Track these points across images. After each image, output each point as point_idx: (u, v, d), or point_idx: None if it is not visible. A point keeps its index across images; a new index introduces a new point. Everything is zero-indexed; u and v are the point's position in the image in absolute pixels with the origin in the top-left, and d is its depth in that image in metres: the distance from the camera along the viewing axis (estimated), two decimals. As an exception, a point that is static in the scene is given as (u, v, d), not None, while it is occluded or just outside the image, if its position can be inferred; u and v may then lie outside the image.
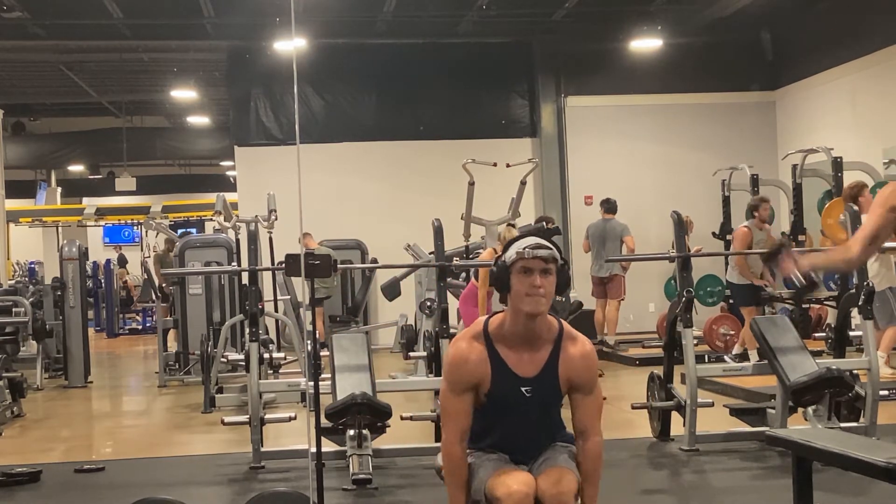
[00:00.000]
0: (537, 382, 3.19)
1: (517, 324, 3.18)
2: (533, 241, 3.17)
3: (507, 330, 3.20)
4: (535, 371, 3.19)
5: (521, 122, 14.44)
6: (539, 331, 3.19)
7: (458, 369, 3.21)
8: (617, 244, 11.53)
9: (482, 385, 3.20)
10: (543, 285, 3.12)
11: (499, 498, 3.05)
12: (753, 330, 6.43)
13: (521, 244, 3.17)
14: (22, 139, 21.02)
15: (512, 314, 3.19)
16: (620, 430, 7.09)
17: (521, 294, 3.12)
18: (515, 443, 3.28)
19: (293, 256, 4.05)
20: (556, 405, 3.31)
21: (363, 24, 13.60)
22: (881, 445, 3.65)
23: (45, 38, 13.53)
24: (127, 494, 4.89)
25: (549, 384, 3.20)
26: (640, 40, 13.54)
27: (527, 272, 3.12)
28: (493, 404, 3.22)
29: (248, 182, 14.05)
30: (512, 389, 3.19)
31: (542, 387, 3.20)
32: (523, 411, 3.22)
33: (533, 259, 3.12)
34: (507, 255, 3.18)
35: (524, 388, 3.19)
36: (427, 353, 7.06)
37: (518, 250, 3.15)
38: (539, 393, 3.20)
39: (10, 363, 9.24)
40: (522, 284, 3.12)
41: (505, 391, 3.19)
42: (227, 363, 8.26)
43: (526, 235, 3.27)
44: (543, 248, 3.15)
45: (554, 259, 3.15)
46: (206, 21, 13.17)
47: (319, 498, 3.93)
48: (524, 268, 3.13)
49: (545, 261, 3.13)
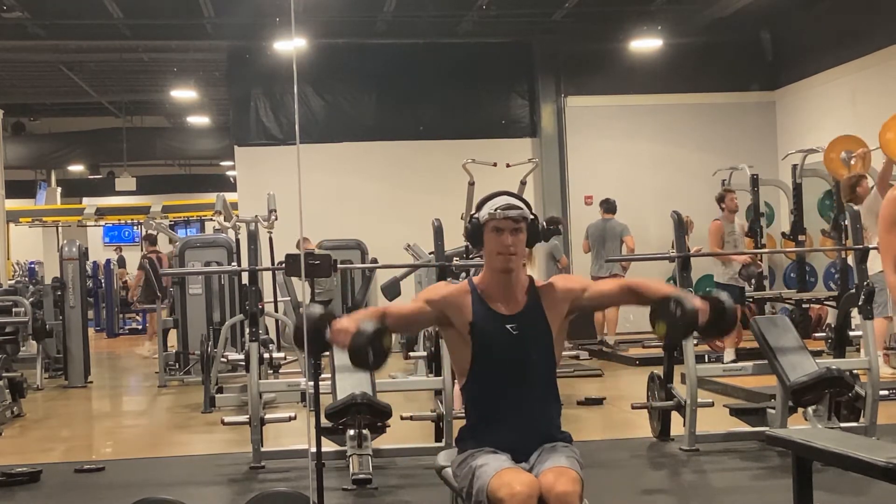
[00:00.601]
0: (521, 318, 3.29)
1: (494, 277, 3.32)
2: (503, 202, 3.30)
3: (488, 283, 3.33)
4: (518, 309, 3.30)
5: (521, 122, 14.45)
6: (515, 284, 3.32)
7: (434, 288, 3.45)
8: (617, 244, 11.53)
9: (461, 314, 3.27)
10: (514, 244, 3.26)
11: (501, 499, 3.04)
12: (753, 330, 6.43)
13: (493, 204, 3.30)
14: (22, 139, 21.03)
15: (487, 270, 3.35)
16: (620, 430, 7.09)
17: (494, 252, 3.28)
18: (515, 413, 3.26)
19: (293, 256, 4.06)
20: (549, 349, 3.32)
21: (363, 24, 13.60)
22: (881, 445, 3.65)
23: (45, 38, 13.53)
24: (127, 494, 4.89)
25: (535, 319, 3.29)
26: (640, 40, 13.55)
27: (498, 231, 3.26)
28: (480, 343, 3.26)
29: (248, 182, 14.05)
30: (496, 325, 3.27)
31: (528, 322, 3.28)
32: (513, 350, 3.26)
33: (504, 220, 3.26)
34: (480, 214, 3.32)
35: (509, 325, 3.28)
36: (427, 353, 7.06)
37: (490, 210, 3.29)
38: (526, 329, 3.27)
39: (10, 363, 9.24)
40: (494, 244, 3.27)
41: (489, 326, 3.27)
42: (227, 363, 8.27)
43: (498, 194, 3.37)
44: (513, 207, 3.28)
45: (524, 217, 3.28)
46: (206, 21, 13.17)
47: (319, 498, 3.93)
48: (496, 227, 3.27)
49: (515, 220, 3.27)
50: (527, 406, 3.29)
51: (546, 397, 3.34)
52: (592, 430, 7.35)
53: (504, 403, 3.29)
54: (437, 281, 6.72)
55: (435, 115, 14.28)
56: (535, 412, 3.30)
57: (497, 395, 3.29)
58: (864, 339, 6.44)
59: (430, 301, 3.33)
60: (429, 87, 14.24)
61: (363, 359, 3.07)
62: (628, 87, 14.12)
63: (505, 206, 3.28)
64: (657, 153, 14.18)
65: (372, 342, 3.05)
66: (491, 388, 3.30)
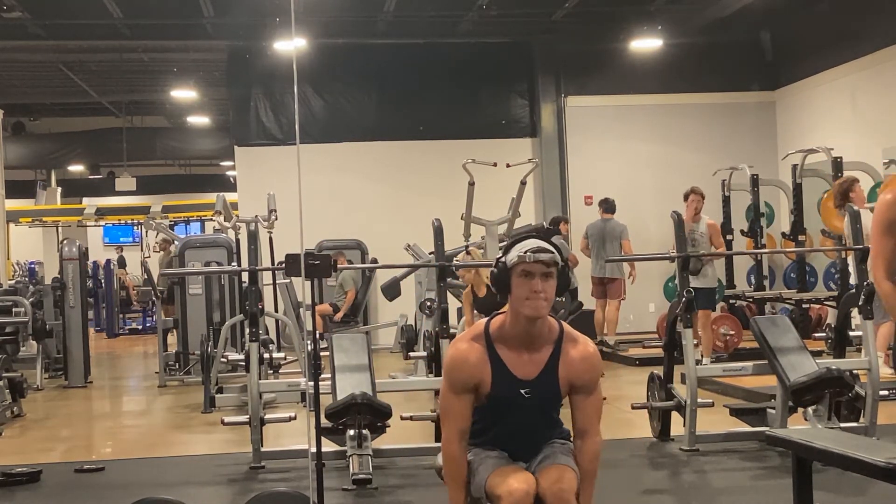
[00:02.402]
0: (536, 384, 3.20)
1: (517, 326, 3.17)
2: (534, 245, 3.14)
3: (508, 331, 3.20)
4: (535, 373, 3.19)
5: (521, 122, 14.44)
6: (539, 333, 3.19)
7: (458, 369, 3.21)
8: (617, 245, 11.52)
9: (482, 386, 3.20)
10: (545, 290, 3.11)
11: (499, 496, 3.05)
12: (753, 330, 6.43)
13: (522, 247, 3.15)
14: (22, 139, 21.02)
15: (512, 316, 3.19)
16: (620, 430, 7.09)
17: (522, 298, 3.12)
18: (514, 442, 3.28)
19: (293, 256, 4.05)
20: (556, 407, 3.31)
21: (363, 24, 13.60)
22: (881, 445, 3.65)
23: (45, 38, 13.53)
24: (127, 494, 4.89)
25: (548, 386, 3.21)
26: (640, 40, 13.54)
27: (527, 276, 3.11)
28: (492, 405, 3.23)
29: (248, 182, 14.05)
30: (511, 391, 3.19)
31: (541, 388, 3.20)
32: (522, 412, 3.23)
33: (534, 263, 3.11)
34: (508, 258, 3.16)
35: (523, 390, 3.19)
36: (427, 353, 7.06)
37: (519, 254, 3.13)
38: (538, 395, 3.21)
39: (10, 363, 9.23)
40: (523, 288, 3.11)
41: (504, 392, 3.20)
42: (227, 363, 8.26)
43: (526, 236, 3.25)
44: (545, 251, 3.13)
45: (555, 262, 3.14)
46: (206, 21, 13.17)
47: (319, 498, 3.93)
48: (525, 271, 3.12)
49: (546, 265, 3.12)
50: (528, 442, 3.30)
51: (548, 432, 3.34)
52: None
53: (506, 443, 3.30)
54: (436, 281, 6.72)
55: (435, 115, 14.27)
56: (535, 443, 3.31)
57: (499, 439, 3.30)
58: (864, 339, 6.43)
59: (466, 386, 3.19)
60: (429, 87, 14.24)
61: None
62: (628, 87, 14.11)
63: (536, 250, 3.12)
64: (657, 153, 14.18)
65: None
66: (494, 435, 3.30)
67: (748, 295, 11.51)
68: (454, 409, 3.21)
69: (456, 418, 3.20)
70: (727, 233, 12.07)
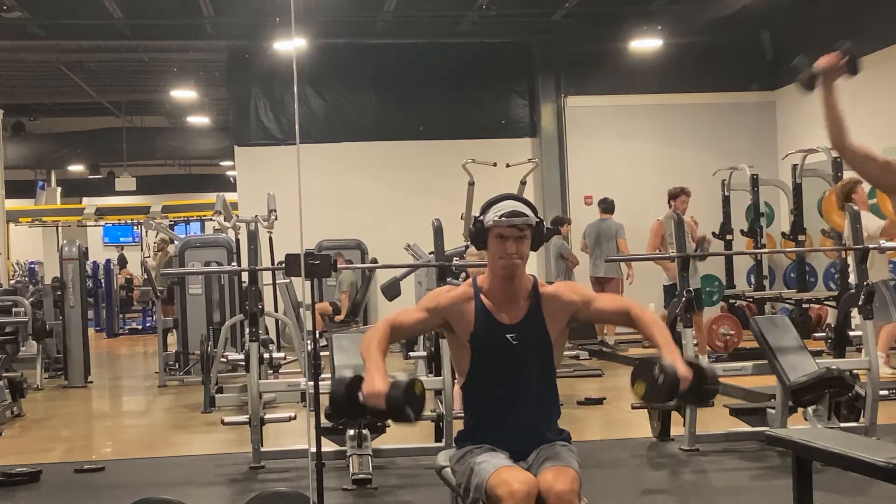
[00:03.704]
0: (522, 328, 3.28)
1: (496, 281, 3.32)
2: (509, 208, 3.27)
3: (490, 285, 3.34)
4: (518, 318, 3.30)
5: (521, 122, 14.45)
6: (517, 288, 3.32)
7: (438, 295, 3.39)
8: (613, 244, 11.52)
9: (462, 323, 3.28)
10: (518, 250, 3.26)
11: (500, 497, 3.04)
12: (753, 330, 6.43)
13: (499, 209, 3.27)
14: (22, 139, 21.01)
15: (490, 273, 3.34)
16: (620, 430, 7.09)
17: (497, 257, 3.28)
18: (514, 409, 3.27)
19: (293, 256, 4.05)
20: (549, 361, 3.32)
21: (363, 24, 13.60)
22: (881, 445, 3.65)
23: (45, 38, 13.53)
24: (127, 494, 4.89)
25: (535, 328, 3.29)
26: (640, 40, 13.55)
27: (502, 238, 3.26)
28: (479, 352, 3.28)
29: (248, 182, 14.05)
30: (497, 335, 3.28)
31: (527, 332, 3.28)
32: (513, 362, 3.27)
33: (508, 227, 3.25)
34: (485, 217, 3.30)
35: (509, 335, 3.27)
36: (427, 353, 7.05)
37: (495, 217, 3.26)
38: (526, 338, 3.27)
39: (10, 363, 9.24)
40: (498, 249, 3.27)
41: (489, 335, 3.27)
42: (227, 363, 8.26)
43: (504, 198, 3.33)
44: (519, 214, 3.26)
45: (528, 225, 3.27)
46: (206, 21, 13.17)
47: (319, 498, 3.93)
48: (499, 234, 3.26)
49: (520, 228, 3.26)
50: (525, 411, 3.30)
51: (544, 402, 3.35)
52: (592, 430, 7.35)
53: (502, 408, 3.30)
54: (437, 281, 6.73)
55: (435, 115, 14.28)
56: (532, 416, 3.31)
57: (495, 400, 3.31)
58: (865, 339, 6.44)
59: (431, 309, 3.34)
60: (429, 87, 14.24)
61: (403, 415, 3.06)
62: (628, 87, 14.11)
63: (510, 213, 3.25)
64: (657, 153, 14.18)
65: (407, 397, 3.02)
66: (489, 394, 3.32)
67: (748, 295, 11.51)
68: (407, 312, 3.34)
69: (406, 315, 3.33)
70: (727, 233, 12.09)
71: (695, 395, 3.17)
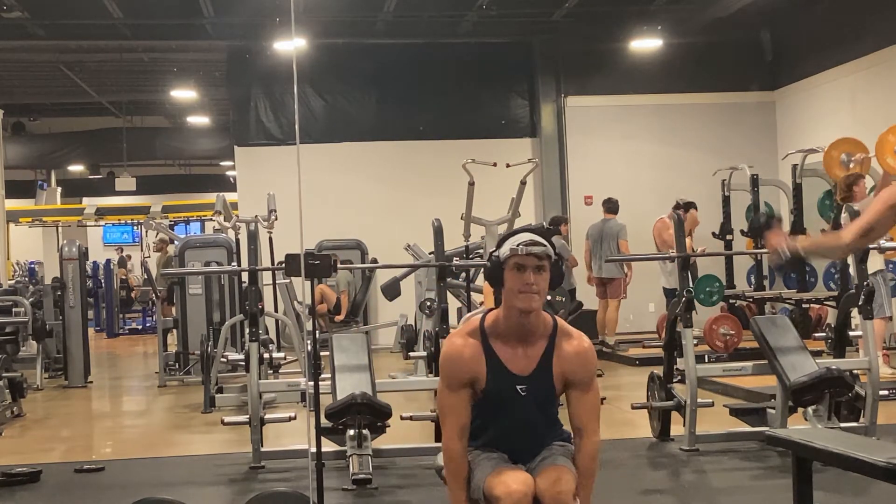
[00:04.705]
0: (532, 380, 3.20)
1: (511, 319, 3.19)
2: (527, 238, 3.17)
3: (502, 326, 3.21)
4: (530, 368, 3.20)
5: (521, 122, 14.44)
6: (534, 327, 3.20)
7: (453, 365, 3.22)
8: (613, 244, 11.52)
9: (478, 381, 3.20)
10: (537, 282, 3.13)
11: (498, 497, 3.04)
12: (753, 330, 6.43)
13: (515, 240, 3.18)
14: (22, 139, 21.01)
15: (506, 310, 3.21)
16: (620, 430, 7.09)
17: (515, 291, 3.14)
18: (513, 441, 3.28)
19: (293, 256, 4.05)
20: (552, 404, 3.31)
21: (363, 24, 13.60)
22: (881, 445, 3.65)
23: (45, 38, 13.53)
24: (127, 494, 4.89)
25: (543, 382, 3.21)
26: (640, 40, 13.54)
27: (520, 269, 3.14)
28: (488, 402, 3.23)
29: (248, 182, 14.05)
30: (507, 387, 3.20)
31: (536, 385, 3.21)
32: (519, 410, 3.22)
33: (526, 256, 3.13)
34: (500, 251, 3.20)
35: (519, 387, 3.19)
36: (427, 353, 7.06)
37: (512, 247, 3.16)
38: (534, 391, 3.21)
39: (10, 363, 9.23)
40: (516, 281, 3.14)
41: (501, 388, 3.20)
42: (227, 363, 8.26)
43: (520, 230, 3.29)
44: (537, 244, 3.15)
45: (548, 255, 3.16)
46: (206, 21, 13.17)
47: (319, 498, 3.93)
48: (517, 264, 3.14)
49: (539, 258, 3.14)
50: (527, 442, 3.29)
51: (547, 433, 3.33)
52: (592, 430, 7.33)
53: (505, 443, 3.29)
54: (436, 281, 6.73)
55: (435, 115, 14.28)
56: (534, 443, 3.30)
57: (498, 439, 3.29)
58: (864, 339, 6.44)
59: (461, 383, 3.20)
60: (429, 87, 14.24)
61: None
62: (628, 87, 14.11)
63: (528, 243, 3.15)
64: (657, 153, 14.18)
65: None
66: (493, 435, 3.29)
67: (748, 295, 11.51)
68: (452, 405, 3.20)
69: (454, 415, 3.20)
70: (727, 233, 12.08)
71: None
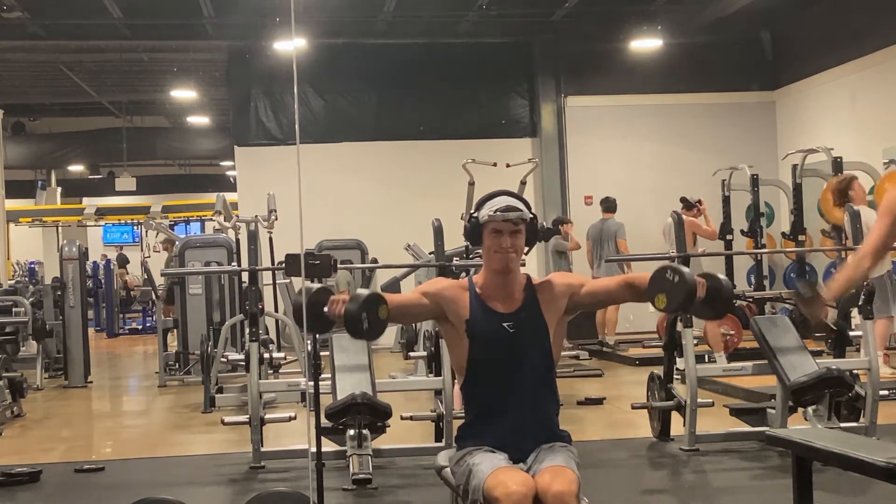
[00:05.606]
0: (518, 317, 3.32)
1: (491, 277, 3.37)
2: (503, 203, 3.34)
3: (485, 282, 3.38)
4: (514, 307, 3.34)
5: (521, 122, 14.45)
6: (512, 283, 3.37)
7: (434, 283, 3.47)
8: (612, 244, 11.52)
9: (457, 311, 3.31)
10: (513, 245, 3.31)
11: (497, 498, 3.04)
12: (753, 330, 6.43)
13: (493, 205, 3.34)
14: (22, 139, 21.03)
15: (486, 269, 3.40)
16: (620, 430, 7.09)
17: (492, 251, 3.33)
18: (512, 398, 3.28)
19: (293, 256, 4.05)
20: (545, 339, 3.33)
21: (363, 24, 13.60)
22: (881, 445, 3.65)
23: (45, 38, 13.53)
24: (127, 494, 4.89)
25: (531, 316, 3.33)
26: (640, 40, 13.54)
27: (497, 233, 3.32)
28: (477, 340, 3.30)
29: (248, 182, 14.05)
30: (493, 323, 3.31)
31: (524, 321, 3.32)
32: (511, 352, 3.29)
33: (502, 222, 3.30)
34: (479, 214, 3.36)
35: (506, 323, 3.31)
36: (427, 353, 7.06)
37: (490, 213, 3.32)
38: (523, 327, 3.31)
39: (10, 363, 9.23)
40: (492, 243, 3.32)
41: (486, 324, 3.30)
42: (227, 363, 8.26)
43: (498, 194, 3.41)
44: (513, 209, 3.32)
45: (522, 219, 3.33)
46: (206, 21, 13.17)
47: (319, 498, 3.93)
48: (494, 229, 3.32)
49: (514, 223, 3.31)
50: (524, 403, 3.30)
51: (544, 395, 3.35)
52: (592, 430, 7.35)
53: (501, 400, 3.31)
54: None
55: (435, 115, 14.28)
56: (532, 410, 3.31)
57: (495, 392, 3.31)
58: (864, 339, 6.44)
59: (427, 293, 3.38)
60: (429, 87, 14.24)
61: (357, 325, 3.10)
62: (628, 87, 14.11)
63: (504, 209, 3.32)
64: (657, 153, 14.18)
65: (367, 308, 3.09)
66: (488, 386, 3.32)
67: (748, 295, 11.49)
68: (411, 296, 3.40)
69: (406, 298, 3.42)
70: (727, 233, 12.08)
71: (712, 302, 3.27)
